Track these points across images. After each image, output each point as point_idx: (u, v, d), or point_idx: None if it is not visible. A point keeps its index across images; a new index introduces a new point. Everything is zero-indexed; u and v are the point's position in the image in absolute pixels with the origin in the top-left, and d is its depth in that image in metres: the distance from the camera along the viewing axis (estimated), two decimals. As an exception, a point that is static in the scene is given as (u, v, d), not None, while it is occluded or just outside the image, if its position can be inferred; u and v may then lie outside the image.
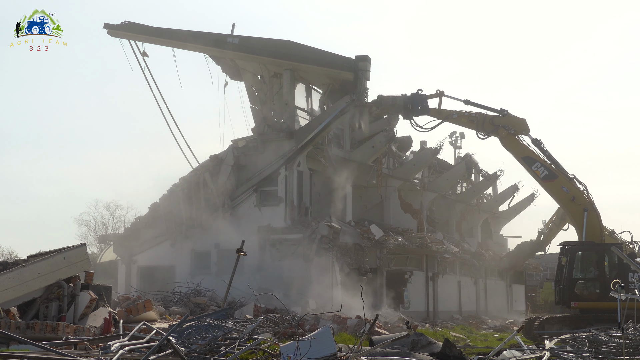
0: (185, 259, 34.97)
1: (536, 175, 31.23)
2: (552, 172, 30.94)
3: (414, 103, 32.99)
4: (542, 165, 31.01)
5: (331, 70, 34.75)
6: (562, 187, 30.75)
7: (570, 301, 26.54)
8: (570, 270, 26.67)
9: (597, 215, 30.15)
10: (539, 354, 14.92)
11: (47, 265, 17.77)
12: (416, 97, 33.07)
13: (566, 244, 27.52)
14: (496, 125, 31.72)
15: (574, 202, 30.47)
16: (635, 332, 16.46)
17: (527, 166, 31.40)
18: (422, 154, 43.50)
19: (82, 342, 14.36)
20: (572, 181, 30.82)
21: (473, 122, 32.43)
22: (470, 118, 32.54)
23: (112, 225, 71.24)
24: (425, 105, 33.08)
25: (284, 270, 32.53)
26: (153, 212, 36.34)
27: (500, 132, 31.69)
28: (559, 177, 30.82)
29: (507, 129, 31.63)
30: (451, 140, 50.45)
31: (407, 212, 42.02)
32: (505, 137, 31.66)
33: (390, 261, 35.95)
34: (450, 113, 32.83)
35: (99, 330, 17.10)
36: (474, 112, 32.69)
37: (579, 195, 30.40)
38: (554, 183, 30.96)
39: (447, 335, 23.70)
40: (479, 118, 32.34)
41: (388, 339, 14.12)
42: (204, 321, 14.53)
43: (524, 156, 31.47)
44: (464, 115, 32.64)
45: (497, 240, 54.56)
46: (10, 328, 15.43)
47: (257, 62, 35.56)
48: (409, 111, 33.19)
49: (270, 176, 34.22)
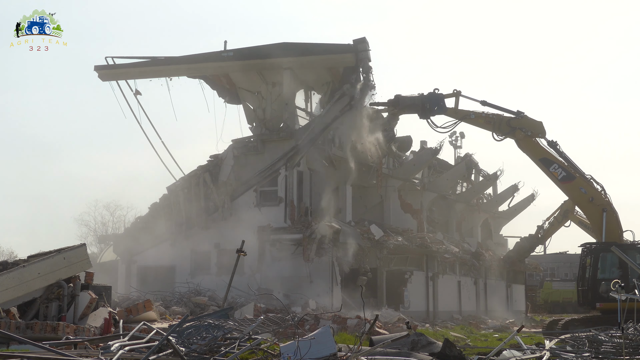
0: (185, 259, 34.96)
1: (554, 177, 31.22)
2: (569, 173, 30.95)
3: (431, 102, 32.79)
4: (560, 167, 31.02)
5: (331, 59, 34.05)
6: (580, 188, 30.80)
7: (595, 302, 26.47)
8: (594, 271, 26.63)
9: (615, 215, 30.18)
10: (539, 354, 14.90)
11: (47, 265, 17.75)
12: (433, 96, 32.87)
13: (589, 245, 27.53)
14: (513, 127, 31.67)
15: (592, 202, 30.49)
16: (635, 332, 16.45)
17: (544, 168, 31.36)
18: (422, 154, 43.47)
19: (82, 342, 14.34)
20: (590, 182, 30.85)
21: (490, 124, 32.34)
22: (487, 119, 32.46)
23: (112, 225, 71.33)
24: (443, 104, 32.89)
25: (284, 270, 32.52)
26: (153, 212, 36.34)
27: (517, 134, 31.66)
28: (577, 178, 30.85)
29: (523, 131, 31.60)
30: (451, 140, 50.51)
31: (407, 212, 42.01)
32: (522, 139, 31.62)
33: (390, 261, 35.94)
34: (468, 113, 32.70)
35: (99, 330, 17.08)
36: (491, 114, 32.62)
37: (597, 196, 30.40)
38: (572, 184, 30.98)
39: (447, 335, 23.68)
40: (495, 119, 32.28)
41: (388, 339, 14.10)
42: (204, 321, 14.51)
43: (541, 158, 31.46)
44: (481, 116, 32.56)
45: (497, 240, 54.55)
46: (10, 328, 15.41)
47: (254, 72, 35.20)
48: (426, 111, 32.93)
49: (270, 176, 34.22)
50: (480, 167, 51.25)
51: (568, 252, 72.90)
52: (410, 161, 43.59)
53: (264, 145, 34.72)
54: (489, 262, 45.95)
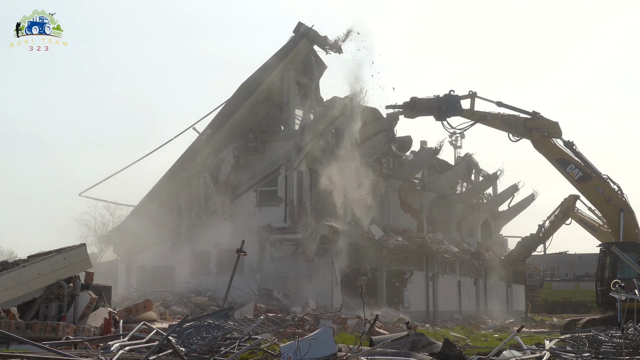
0: (185, 259, 34.94)
1: (570, 177, 31.20)
2: (586, 173, 30.93)
3: (447, 104, 32.77)
4: (577, 167, 31.00)
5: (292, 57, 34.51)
6: (597, 188, 30.80)
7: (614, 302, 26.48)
8: (613, 270, 26.61)
9: (632, 215, 30.17)
10: (539, 354, 14.90)
11: (47, 265, 17.75)
12: (449, 98, 32.82)
13: (607, 245, 27.51)
14: (529, 128, 31.62)
15: (609, 202, 30.47)
16: (635, 332, 16.45)
17: (561, 168, 31.34)
18: (422, 154, 43.44)
19: (82, 342, 14.34)
20: (607, 182, 30.83)
21: (506, 125, 32.29)
22: (503, 120, 32.40)
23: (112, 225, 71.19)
24: (459, 106, 32.83)
25: (284, 270, 32.52)
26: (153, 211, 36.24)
27: (534, 135, 31.61)
28: (594, 178, 30.83)
29: (540, 131, 31.55)
30: (451, 140, 50.39)
31: (407, 212, 42.00)
32: (538, 139, 31.57)
33: (390, 261, 35.94)
34: (484, 114, 32.63)
35: (99, 331, 17.08)
36: (507, 114, 32.55)
37: (614, 196, 30.39)
38: (589, 184, 30.96)
39: (447, 335, 23.69)
40: (511, 120, 32.23)
41: (388, 339, 14.09)
42: (204, 321, 14.52)
43: (558, 158, 31.43)
44: (497, 117, 32.50)
45: (497, 240, 54.51)
46: (10, 328, 15.41)
47: (236, 134, 35.07)
48: (442, 112, 32.87)
49: (270, 176, 34.22)
50: (480, 167, 51.21)
51: (568, 252, 72.93)
52: (410, 161, 43.56)
53: (264, 145, 34.71)
54: (489, 262, 45.94)
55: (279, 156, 34.05)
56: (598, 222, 38.82)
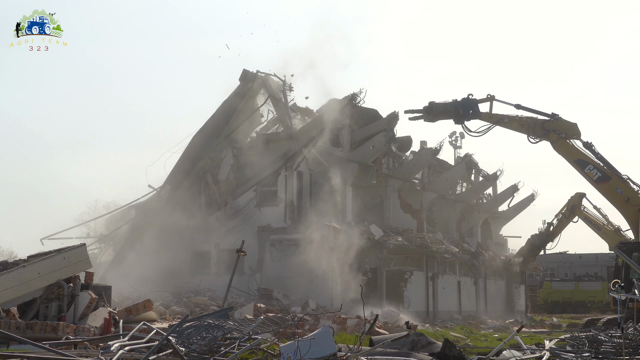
0: (185, 259, 34.91)
1: (589, 178, 31.42)
2: (605, 174, 31.09)
3: (465, 108, 33.10)
4: (595, 168, 31.18)
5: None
6: (616, 189, 30.93)
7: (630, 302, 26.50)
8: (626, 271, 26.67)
9: None
10: (539, 354, 14.90)
11: (47, 265, 17.75)
12: (467, 101, 33.20)
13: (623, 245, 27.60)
14: (547, 129, 31.87)
15: (628, 202, 30.65)
16: (635, 332, 16.45)
17: (579, 169, 31.56)
18: (422, 154, 43.47)
19: (82, 342, 14.33)
20: (626, 182, 30.96)
21: (524, 127, 32.56)
22: (521, 122, 32.68)
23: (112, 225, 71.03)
24: (477, 109, 33.23)
25: (284, 270, 32.51)
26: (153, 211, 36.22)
27: (552, 137, 31.83)
28: (613, 178, 30.97)
29: (558, 133, 31.76)
30: (451, 140, 50.42)
31: (407, 212, 42.01)
32: (556, 141, 31.80)
33: (390, 261, 35.94)
34: (502, 117, 32.94)
35: (99, 330, 17.08)
36: (525, 117, 32.81)
37: (633, 196, 30.54)
38: (608, 185, 31.13)
39: (447, 335, 23.70)
40: (530, 122, 32.49)
41: (388, 339, 14.10)
42: (204, 321, 14.52)
43: (576, 159, 31.64)
44: (515, 119, 32.77)
45: (497, 240, 54.53)
46: (10, 328, 15.41)
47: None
48: (460, 116, 33.39)
49: (270, 176, 34.21)
50: (480, 167, 51.24)
51: (568, 252, 72.97)
52: (410, 161, 43.59)
53: (264, 145, 34.71)
54: (489, 262, 45.95)
55: (278, 156, 34.04)
56: (603, 221, 38.94)
